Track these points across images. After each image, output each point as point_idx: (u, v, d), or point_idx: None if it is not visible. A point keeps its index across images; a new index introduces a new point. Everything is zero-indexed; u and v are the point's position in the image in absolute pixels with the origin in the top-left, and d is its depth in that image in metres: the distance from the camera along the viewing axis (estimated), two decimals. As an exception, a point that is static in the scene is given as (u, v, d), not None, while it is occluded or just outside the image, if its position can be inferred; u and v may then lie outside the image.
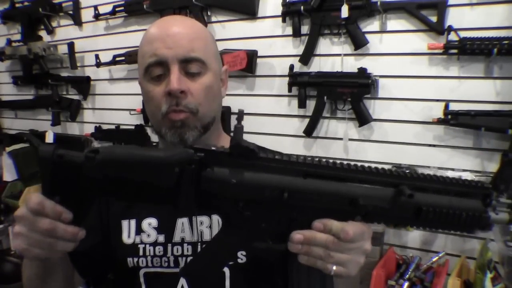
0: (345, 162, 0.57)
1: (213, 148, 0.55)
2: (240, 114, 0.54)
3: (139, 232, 0.81)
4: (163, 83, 0.77)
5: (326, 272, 0.57)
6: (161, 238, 0.80)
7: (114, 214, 0.85)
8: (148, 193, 0.56)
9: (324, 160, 0.56)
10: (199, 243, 0.79)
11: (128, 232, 0.82)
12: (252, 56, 1.83)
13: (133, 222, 0.82)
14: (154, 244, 0.80)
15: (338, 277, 0.59)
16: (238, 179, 0.54)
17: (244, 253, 0.76)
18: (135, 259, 0.80)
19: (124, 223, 0.83)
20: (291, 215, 0.57)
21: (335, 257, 0.56)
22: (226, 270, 0.77)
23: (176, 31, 0.78)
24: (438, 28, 1.49)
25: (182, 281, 0.78)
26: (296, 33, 1.76)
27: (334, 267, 0.56)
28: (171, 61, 0.76)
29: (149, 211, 0.82)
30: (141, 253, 0.80)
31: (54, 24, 2.55)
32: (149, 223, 0.81)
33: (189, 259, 0.78)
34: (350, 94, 1.65)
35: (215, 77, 0.82)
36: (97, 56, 2.26)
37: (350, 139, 1.75)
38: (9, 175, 2.52)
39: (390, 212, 0.55)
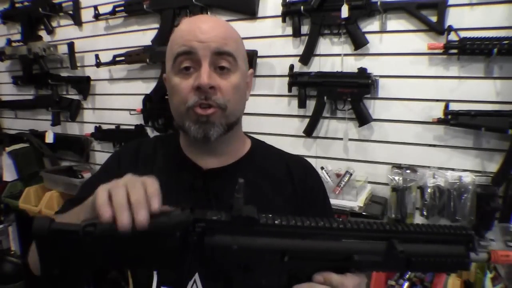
0: (340, 220, 0.61)
1: (213, 218, 0.57)
2: (240, 186, 0.55)
3: None
4: (192, 77, 0.76)
5: None
6: None
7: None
8: (151, 260, 0.57)
9: (320, 221, 0.59)
10: None
11: None
12: (252, 56, 1.83)
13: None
14: None
15: None
16: (240, 245, 0.57)
17: None
18: None
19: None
20: (291, 272, 0.61)
21: None
22: None
23: (208, 27, 0.77)
24: (438, 28, 1.49)
25: None
26: (296, 33, 1.76)
27: None
28: (203, 54, 0.75)
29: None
30: None
31: (54, 24, 2.55)
32: None
33: None
34: (350, 94, 1.65)
35: (242, 78, 0.82)
36: (97, 56, 2.26)
37: (350, 139, 1.75)
38: (9, 175, 2.52)
39: (383, 263, 0.60)
